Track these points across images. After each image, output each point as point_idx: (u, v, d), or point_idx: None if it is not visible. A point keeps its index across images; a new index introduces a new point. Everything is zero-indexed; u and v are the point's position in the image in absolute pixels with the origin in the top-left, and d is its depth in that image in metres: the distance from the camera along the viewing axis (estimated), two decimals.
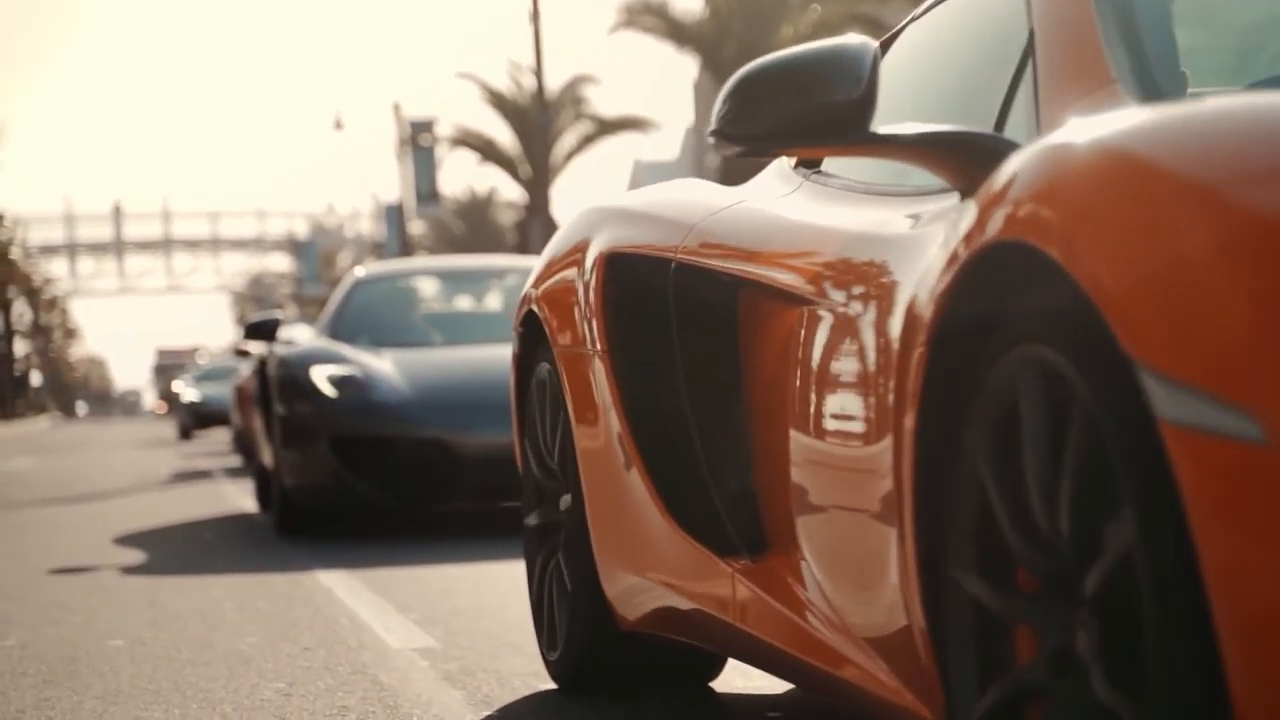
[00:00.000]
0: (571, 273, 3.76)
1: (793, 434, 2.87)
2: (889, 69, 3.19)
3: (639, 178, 78.32)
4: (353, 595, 6.13)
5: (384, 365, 8.80)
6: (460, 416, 8.38)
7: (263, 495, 10.70)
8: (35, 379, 74.60)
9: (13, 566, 7.83)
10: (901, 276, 2.51)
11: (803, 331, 2.87)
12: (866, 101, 2.55)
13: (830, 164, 3.32)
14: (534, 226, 36.68)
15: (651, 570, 3.43)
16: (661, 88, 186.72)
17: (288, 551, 8.08)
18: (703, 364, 3.26)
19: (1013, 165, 2.06)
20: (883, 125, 2.61)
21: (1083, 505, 1.97)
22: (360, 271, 10.81)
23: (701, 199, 3.53)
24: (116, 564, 7.72)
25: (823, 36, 27.03)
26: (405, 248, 49.57)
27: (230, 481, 15.26)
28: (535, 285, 3.98)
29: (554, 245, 3.98)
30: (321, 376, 8.65)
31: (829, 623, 2.77)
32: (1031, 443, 2.07)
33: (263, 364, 10.03)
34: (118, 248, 79.81)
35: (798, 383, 2.88)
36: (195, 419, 32.16)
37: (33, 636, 5.37)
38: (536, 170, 37.97)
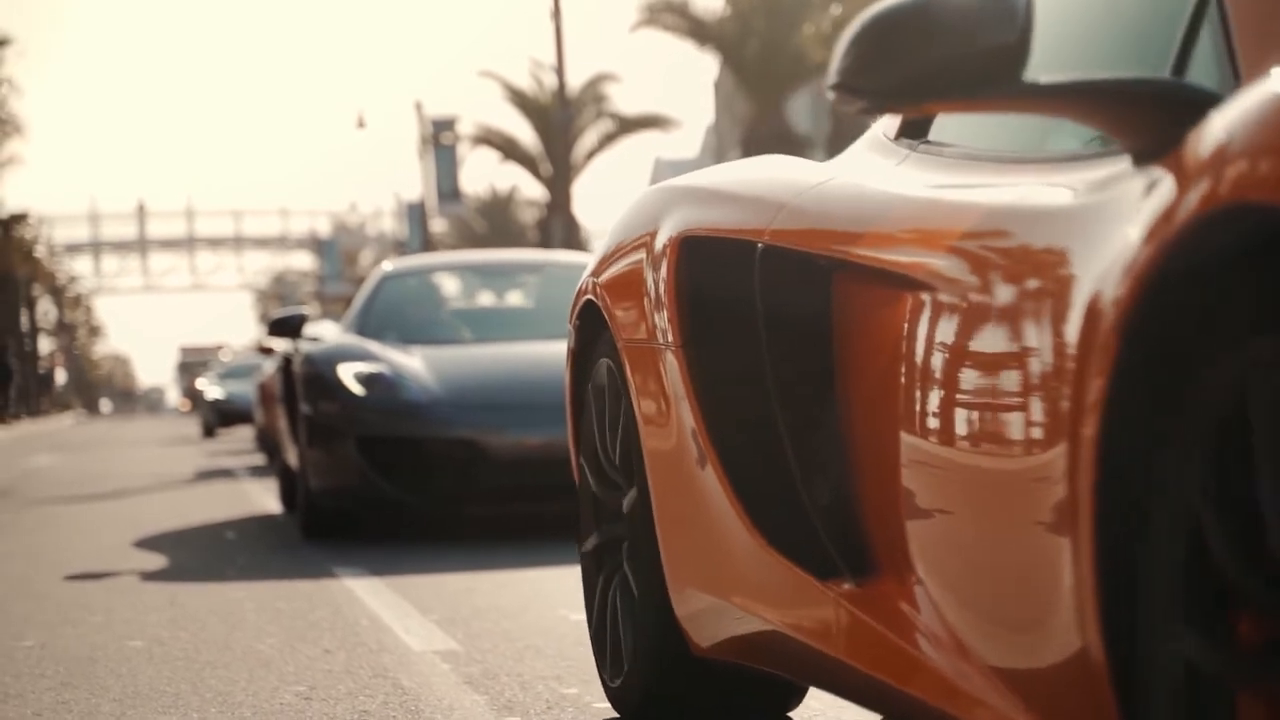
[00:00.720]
0: (639, 259, 3.37)
1: (905, 439, 2.49)
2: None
3: (659, 176, 78.25)
4: (373, 596, 6.08)
5: (413, 363, 8.52)
6: (492, 416, 8.11)
7: (287, 496, 10.53)
8: (60, 377, 74.78)
9: (33, 566, 7.80)
10: (1069, 257, 2.11)
11: (922, 323, 2.47)
12: (1021, 47, 2.15)
13: (943, 132, 2.92)
14: (555, 224, 36.66)
15: (732, 591, 3.02)
16: (682, 86, 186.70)
17: (307, 551, 8.04)
18: (793, 359, 2.86)
19: (1226, 118, 1.72)
20: (1037, 74, 2.22)
21: None
22: (388, 266, 10.52)
23: (789, 175, 3.14)
24: (137, 564, 7.68)
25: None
26: (427, 246, 49.58)
27: (253, 480, 15.23)
28: (596, 274, 3.60)
29: (618, 229, 3.59)
30: (349, 374, 8.36)
31: (954, 656, 2.38)
32: (1269, 462, 1.69)
33: (287, 361, 9.77)
34: (142, 246, 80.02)
35: (915, 381, 2.47)
36: (219, 417, 31.99)
37: (51, 637, 5.33)
38: (558, 168, 37.93)
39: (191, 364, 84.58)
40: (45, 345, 75.31)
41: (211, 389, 33.12)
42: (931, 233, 2.50)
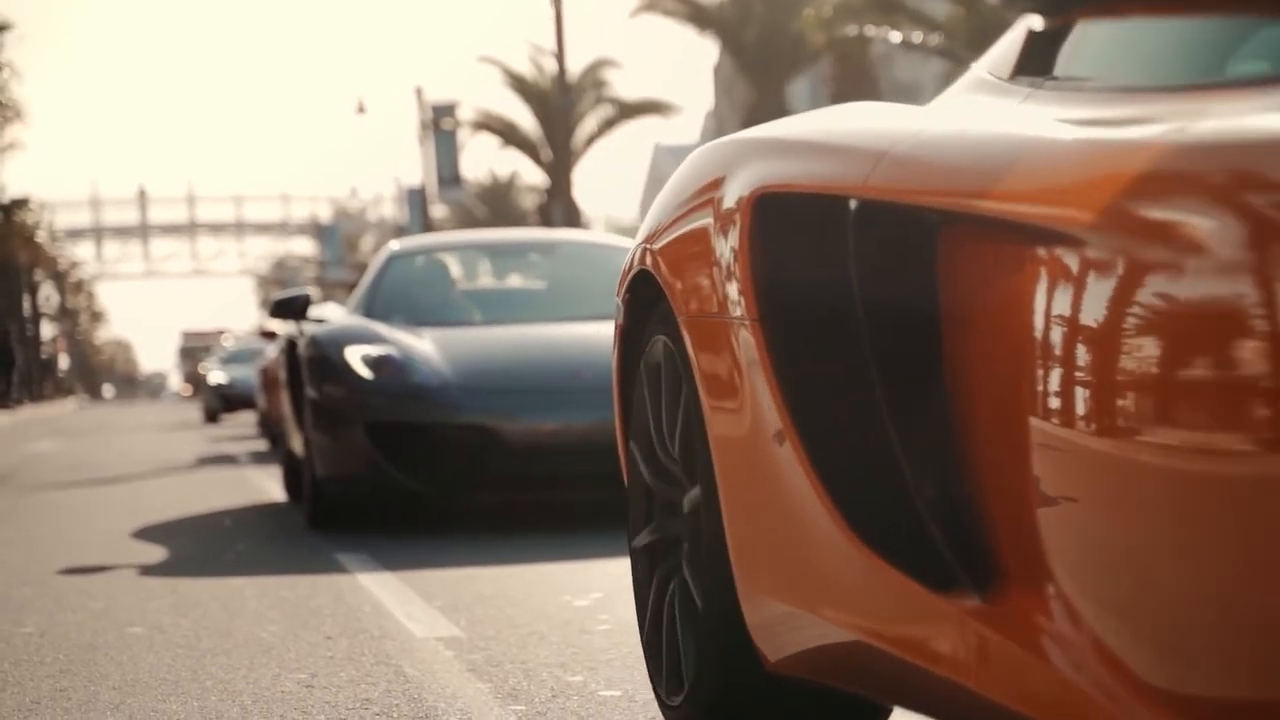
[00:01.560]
0: (705, 222, 2.89)
1: (1039, 426, 2.06)
2: None
3: (659, 161, 78.32)
4: (375, 582, 6.03)
5: (423, 345, 8.15)
6: (507, 401, 7.79)
7: (291, 484, 10.24)
8: (63, 362, 74.75)
9: (33, 551, 7.76)
10: None
11: (1066, 287, 2.02)
12: None
13: (1075, 64, 2.49)
14: (556, 210, 36.57)
15: (815, 599, 2.58)
16: (682, 72, 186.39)
17: (309, 538, 7.99)
18: (895, 332, 2.39)
19: None
20: None
21: None
22: (395, 245, 10.05)
23: (886, 122, 2.68)
24: (138, 550, 7.64)
25: (845, 21, 26.52)
26: (427, 231, 49.52)
27: (256, 467, 15.19)
28: (650, 240, 3.14)
29: (676, 190, 3.11)
30: (356, 357, 8.02)
31: (1107, 679, 1.98)
32: None
33: (291, 344, 9.43)
34: (143, 231, 79.99)
35: (1055, 359, 2.03)
36: (223, 402, 31.58)
37: (51, 623, 5.29)
38: (558, 154, 37.84)
39: (193, 349, 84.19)
40: (47, 331, 75.26)
41: (214, 374, 32.73)
42: (1082, 179, 2.05)
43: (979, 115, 2.51)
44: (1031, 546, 2.11)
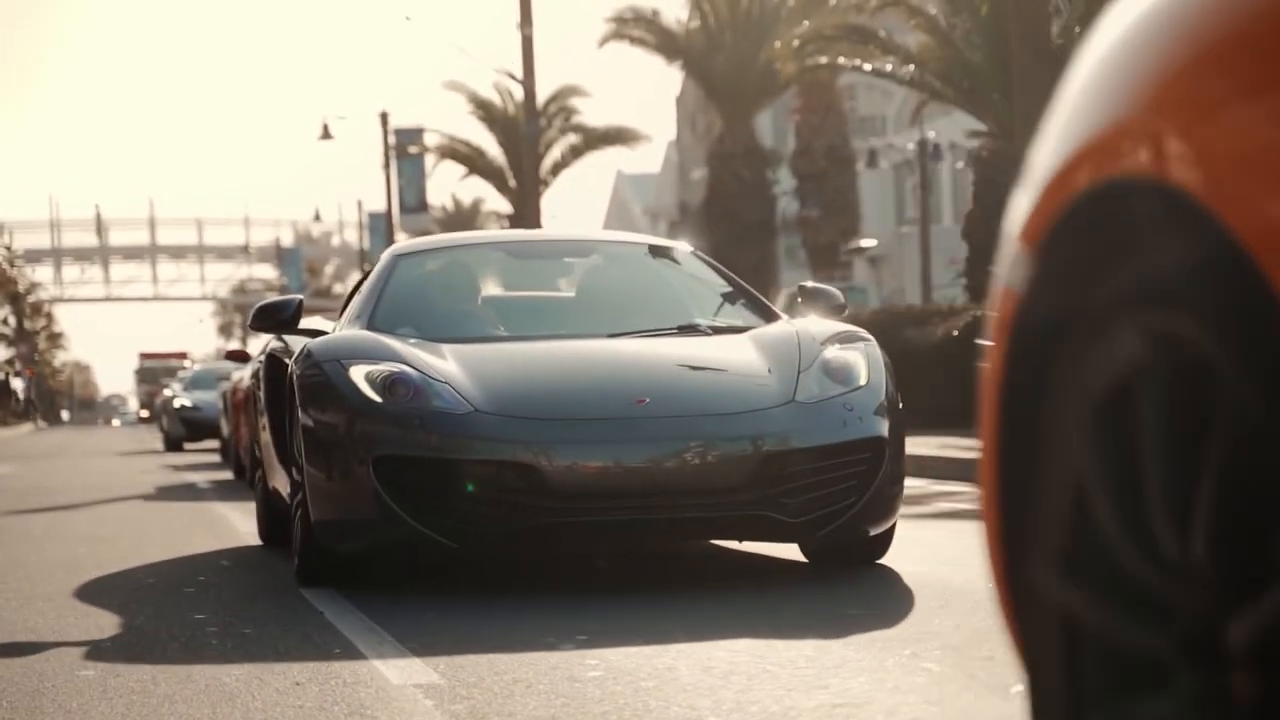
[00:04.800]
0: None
1: None
2: None
3: (621, 190, 78.28)
4: (344, 619, 5.68)
5: (444, 364, 6.61)
6: (550, 433, 6.21)
7: (268, 528, 8.76)
8: (19, 385, 73.99)
9: None
10: None
11: None
12: None
13: None
14: None
15: None
16: (644, 102, 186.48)
17: (271, 569, 7.62)
18: None
19: None
20: None
21: None
22: (401, 246, 8.41)
23: None
24: (91, 581, 7.27)
25: (814, 49, 26.32)
26: None
27: (217, 494, 14.77)
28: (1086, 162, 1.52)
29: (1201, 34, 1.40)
30: (361, 376, 6.45)
31: None
32: None
33: (272, 361, 7.99)
34: (103, 254, 79.31)
35: None
36: (185, 428, 28.65)
37: None
38: (524, 181, 37.53)
39: (153, 369, 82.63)
40: (3, 353, 74.50)
41: (178, 398, 29.51)
42: None
43: None
44: None
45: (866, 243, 45.05)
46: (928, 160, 41.28)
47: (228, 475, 17.79)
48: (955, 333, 18.66)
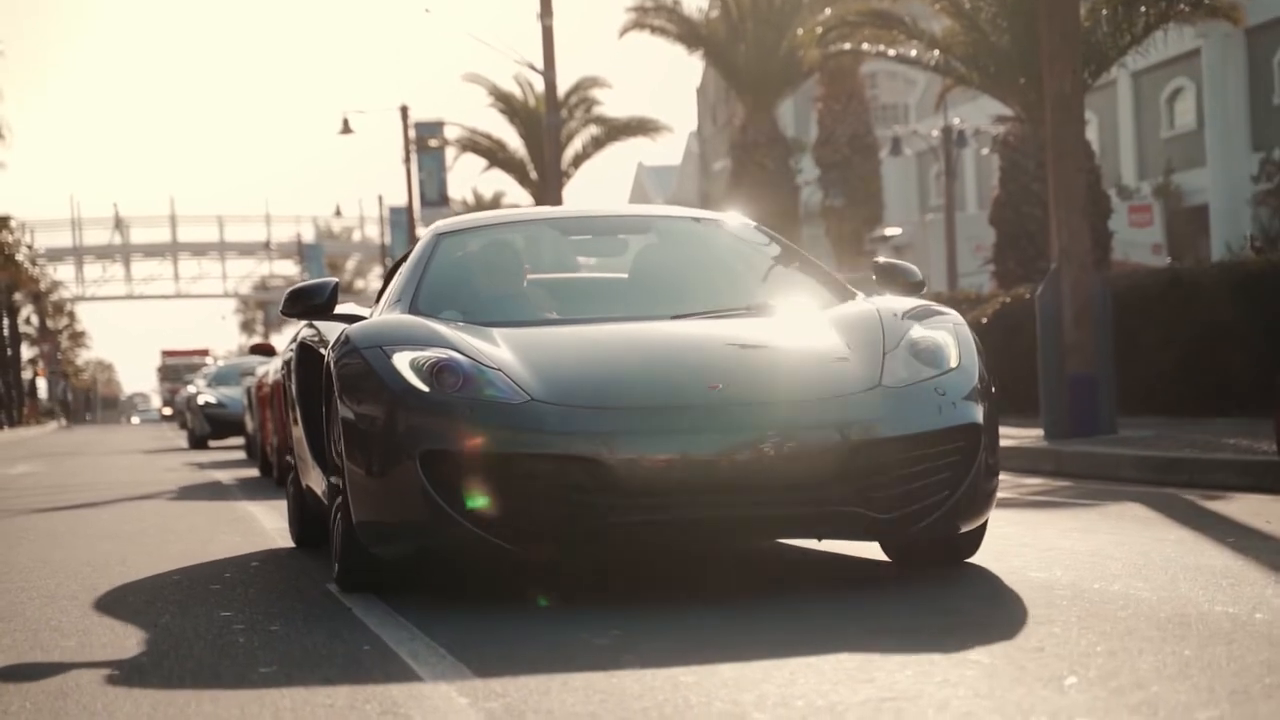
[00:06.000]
0: None
1: None
2: None
3: (642, 182, 78.12)
4: (372, 615, 5.56)
5: (497, 349, 6.04)
6: (616, 423, 5.63)
7: (301, 529, 8.31)
8: (43, 384, 74.12)
9: (6, 580, 7.28)
10: None
11: None
12: None
13: None
14: None
15: None
16: (665, 93, 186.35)
17: (298, 566, 7.51)
18: None
19: None
20: None
21: None
22: (443, 223, 7.70)
23: None
24: (116, 579, 7.16)
25: (838, 35, 26.13)
26: None
27: (241, 488, 14.68)
28: None
29: None
30: (406, 363, 5.89)
31: None
32: None
33: (303, 350, 7.60)
34: (125, 252, 79.41)
35: None
36: (210, 425, 28.00)
37: (19, 664, 4.82)
38: (545, 173, 37.41)
39: (174, 367, 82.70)
40: (27, 353, 74.63)
41: (202, 395, 28.75)
42: None
43: None
44: None
45: (891, 231, 44.83)
46: (952, 147, 41.04)
47: (253, 472, 17.67)
48: (985, 320, 18.49)
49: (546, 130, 31.08)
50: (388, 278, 7.79)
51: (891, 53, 23.97)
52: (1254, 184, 37.80)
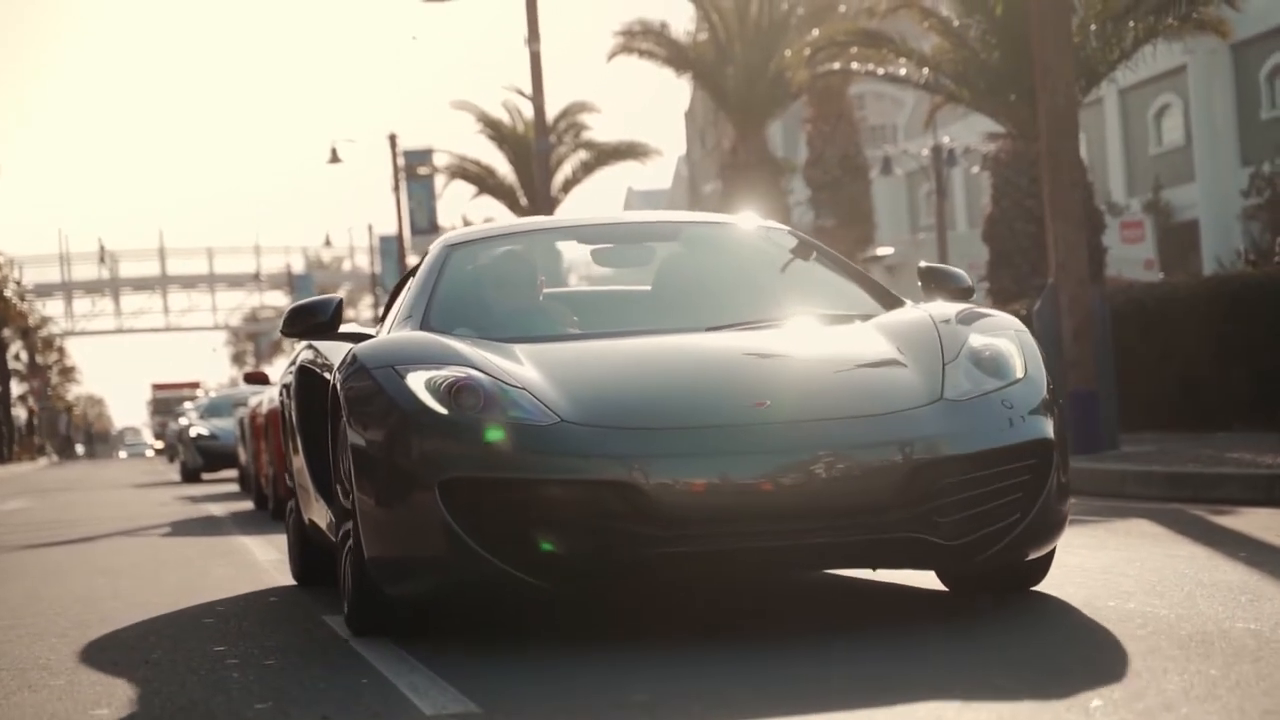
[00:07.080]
0: None
1: None
2: None
3: (631, 206, 78.18)
4: (369, 647, 5.40)
5: (520, 367, 5.51)
6: (652, 445, 5.10)
7: (302, 566, 7.80)
8: (33, 420, 73.90)
9: None
10: None
11: None
12: None
13: None
14: None
15: None
16: (653, 117, 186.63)
17: (291, 597, 7.36)
18: None
19: None
20: None
21: None
22: (453, 235, 7.15)
23: None
24: (108, 614, 7.01)
25: (826, 56, 26.11)
26: None
27: (233, 520, 14.52)
28: None
29: None
30: (421, 384, 5.36)
31: None
32: None
33: (303, 374, 7.15)
34: (114, 286, 79.24)
35: None
36: (203, 458, 27.52)
37: (5, 704, 4.67)
38: (535, 199, 37.32)
39: (164, 400, 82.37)
40: (17, 389, 74.43)
41: (194, 426, 28.32)
42: None
43: None
44: None
45: (883, 250, 44.79)
46: (943, 165, 41.02)
47: (247, 505, 17.42)
48: None
49: (536, 155, 30.96)
50: (393, 295, 7.38)
51: (881, 71, 23.93)
52: (1244, 199, 37.81)
